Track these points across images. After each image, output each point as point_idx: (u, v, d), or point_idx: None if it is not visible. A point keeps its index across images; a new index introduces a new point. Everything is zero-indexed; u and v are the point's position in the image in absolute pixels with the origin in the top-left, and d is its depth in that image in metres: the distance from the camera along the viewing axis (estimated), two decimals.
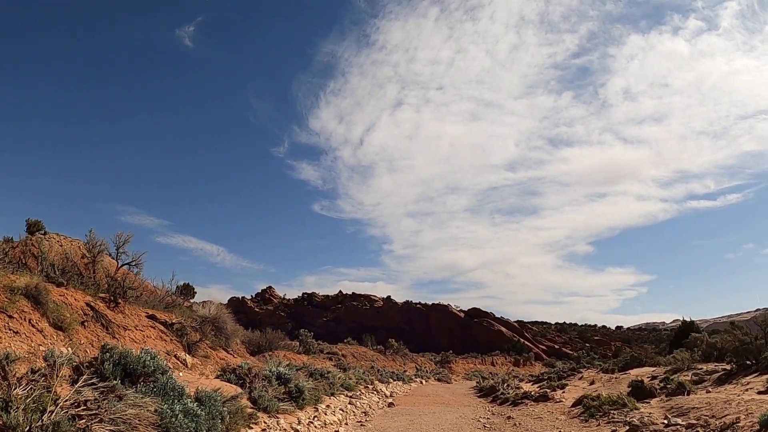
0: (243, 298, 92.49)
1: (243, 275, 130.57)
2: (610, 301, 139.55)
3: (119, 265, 11.57)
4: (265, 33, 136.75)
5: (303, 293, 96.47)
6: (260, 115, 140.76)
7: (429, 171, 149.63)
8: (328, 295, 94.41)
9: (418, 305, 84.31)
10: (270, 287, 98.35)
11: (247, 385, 8.49)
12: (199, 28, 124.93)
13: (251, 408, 7.68)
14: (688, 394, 10.07)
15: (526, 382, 26.65)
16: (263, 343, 24.97)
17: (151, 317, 11.99)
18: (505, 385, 19.53)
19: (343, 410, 10.64)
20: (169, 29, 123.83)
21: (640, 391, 10.74)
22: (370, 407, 12.71)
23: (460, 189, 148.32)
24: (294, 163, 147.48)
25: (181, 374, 9.28)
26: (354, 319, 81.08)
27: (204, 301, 15.66)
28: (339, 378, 14.41)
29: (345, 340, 41.22)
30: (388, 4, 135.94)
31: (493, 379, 24.45)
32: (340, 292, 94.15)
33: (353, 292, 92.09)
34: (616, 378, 18.34)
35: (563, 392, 16.34)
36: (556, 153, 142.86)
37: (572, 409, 11.22)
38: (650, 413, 8.67)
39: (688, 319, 30.47)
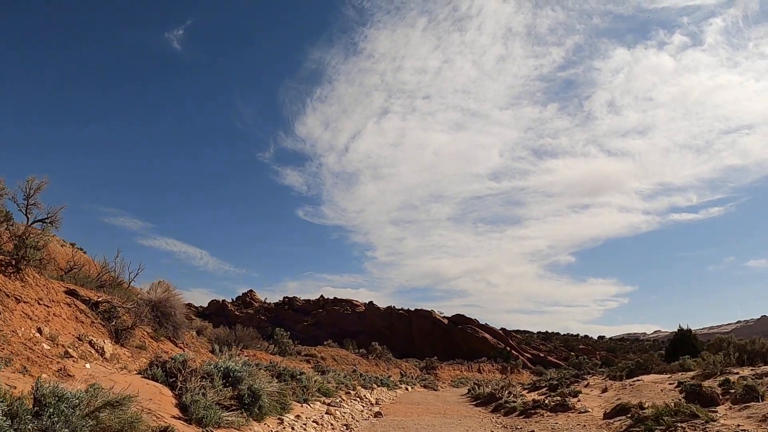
0: (224, 301, 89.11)
1: (225, 279, 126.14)
2: (591, 311, 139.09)
3: (29, 222, 8.80)
4: (254, 38, 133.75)
5: (284, 297, 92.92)
6: (246, 120, 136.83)
7: (413, 179, 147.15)
8: (309, 300, 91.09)
9: (400, 311, 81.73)
10: (251, 291, 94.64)
11: (179, 384, 5.85)
12: (189, 31, 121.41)
13: (176, 418, 5.05)
14: (762, 400, 7.88)
15: (522, 390, 24.40)
16: (233, 340, 22.10)
17: (71, 293, 9.23)
18: (507, 392, 17.15)
19: (317, 422, 8.01)
20: (158, 32, 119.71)
21: (699, 398, 8.45)
22: (352, 418, 10.09)
23: (443, 197, 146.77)
24: (279, 168, 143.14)
25: (87, 366, 6.58)
26: (335, 323, 77.90)
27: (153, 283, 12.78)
28: (315, 381, 11.73)
29: (325, 343, 38.33)
30: (377, 13, 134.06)
31: (489, 387, 22.01)
32: (322, 296, 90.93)
33: (335, 297, 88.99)
34: (630, 385, 16.17)
35: (578, 400, 14.04)
36: (540, 164, 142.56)
37: (610, 421, 8.87)
38: (738, 425, 6.36)
39: (684, 327, 28.94)
